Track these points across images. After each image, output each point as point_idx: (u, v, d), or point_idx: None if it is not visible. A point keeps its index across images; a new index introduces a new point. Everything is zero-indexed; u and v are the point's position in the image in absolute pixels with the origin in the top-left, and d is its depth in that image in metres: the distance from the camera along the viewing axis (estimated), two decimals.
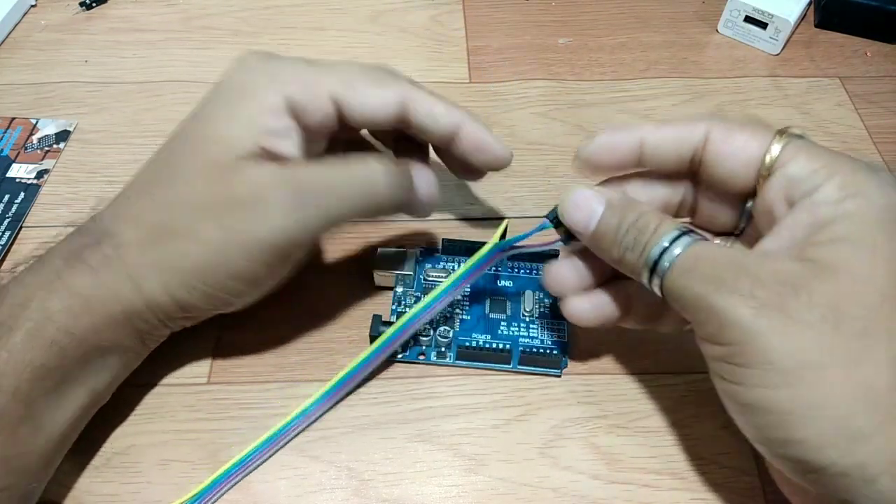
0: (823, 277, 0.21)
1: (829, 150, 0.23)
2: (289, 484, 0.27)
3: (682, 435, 0.29)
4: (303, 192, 0.25)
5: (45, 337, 0.24)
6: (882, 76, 0.44)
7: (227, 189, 0.25)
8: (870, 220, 0.21)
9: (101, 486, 0.27)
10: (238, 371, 0.30)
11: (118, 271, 0.25)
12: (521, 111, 0.41)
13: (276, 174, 0.25)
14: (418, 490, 0.27)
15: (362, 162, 0.27)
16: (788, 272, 0.21)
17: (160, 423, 0.29)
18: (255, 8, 0.47)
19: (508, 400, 0.30)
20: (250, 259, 0.25)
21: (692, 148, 0.25)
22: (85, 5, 0.47)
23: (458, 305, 0.32)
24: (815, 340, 0.20)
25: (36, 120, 0.40)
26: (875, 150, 0.40)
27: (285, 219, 0.25)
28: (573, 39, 0.46)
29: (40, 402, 0.24)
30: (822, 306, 0.20)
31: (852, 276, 0.21)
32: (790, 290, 0.21)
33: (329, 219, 0.26)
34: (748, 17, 0.45)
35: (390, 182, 0.27)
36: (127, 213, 0.26)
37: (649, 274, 0.23)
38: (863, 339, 0.20)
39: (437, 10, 0.48)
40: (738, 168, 0.24)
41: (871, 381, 0.20)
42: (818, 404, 0.20)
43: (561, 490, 0.27)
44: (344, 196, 0.26)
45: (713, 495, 0.27)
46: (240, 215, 0.25)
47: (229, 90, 0.27)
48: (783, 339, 0.20)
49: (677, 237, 0.23)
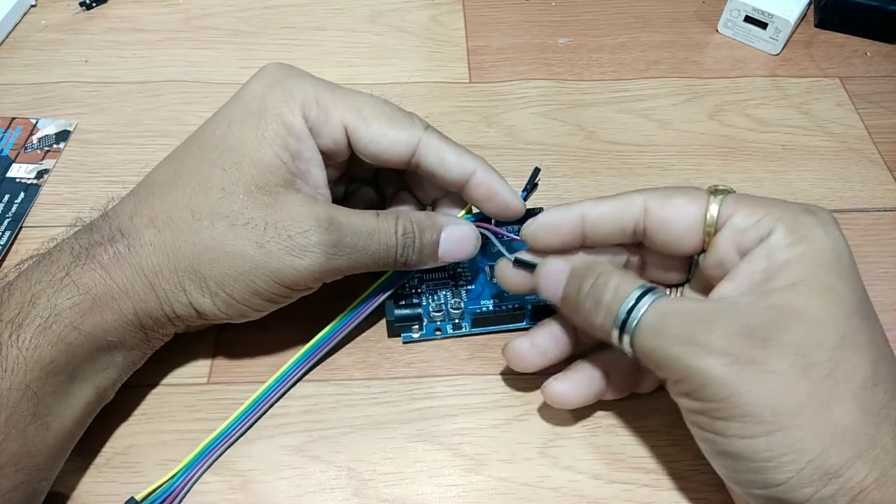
0: (787, 323, 0.22)
1: (764, 199, 0.25)
2: (289, 484, 0.27)
3: (682, 435, 0.29)
4: (341, 241, 0.26)
5: (54, 334, 0.24)
6: (882, 76, 0.44)
7: (272, 214, 0.26)
8: (821, 262, 0.23)
9: (101, 486, 0.27)
10: (238, 371, 0.30)
11: (132, 270, 0.25)
12: (521, 111, 0.41)
13: (319, 214, 0.26)
14: (418, 490, 0.27)
15: (395, 224, 0.28)
16: (754, 323, 0.22)
17: (160, 423, 0.29)
18: (255, 8, 0.47)
19: (508, 400, 0.30)
20: (279, 282, 0.26)
21: (633, 220, 0.26)
22: (85, 5, 0.47)
23: (461, 278, 0.32)
24: (789, 388, 0.21)
25: (36, 120, 0.40)
26: (875, 150, 0.40)
27: (321, 260, 0.26)
28: (573, 39, 0.46)
29: (49, 400, 0.24)
30: (790, 354, 0.21)
31: (813, 319, 0.22)
32: (759, 341, 0.21)
33: (354, 269, 0.28)
34: (748, 17, 0.45)
35: (420, 251, 0.28)
36: (146, 214, 0.26)
37: (619, 334, 0.24)
38: (828, 381, 0.21)
39: (437, 10, 0.48)
40: (682, 231, 0.25)
41: (839, 420, 0.21)
42: (796, 449, 0.21)
43: (561, 490, 0.27)
44: (374, 255, 0.27)
45: (713, 495, 0.27)
46: (282, 244, 0.26)
47: (251, 103, 0.27)
48: (759, 391, 0.21)
49: (641, 295, 0.24)
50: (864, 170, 0.39)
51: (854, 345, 0.22)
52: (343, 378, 0.30)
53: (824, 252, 0.23)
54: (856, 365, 0.21)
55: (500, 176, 0.29)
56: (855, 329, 0.22)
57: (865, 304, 0.23)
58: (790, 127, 0.41)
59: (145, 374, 0.29)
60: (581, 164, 0.39)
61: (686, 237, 0.25)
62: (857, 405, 0.21)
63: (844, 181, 0.38)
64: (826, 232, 0.23)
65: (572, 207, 0.27)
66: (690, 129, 0.41)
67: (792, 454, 0.21)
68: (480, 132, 0.40)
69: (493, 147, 0.39)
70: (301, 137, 0.27)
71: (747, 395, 0.21)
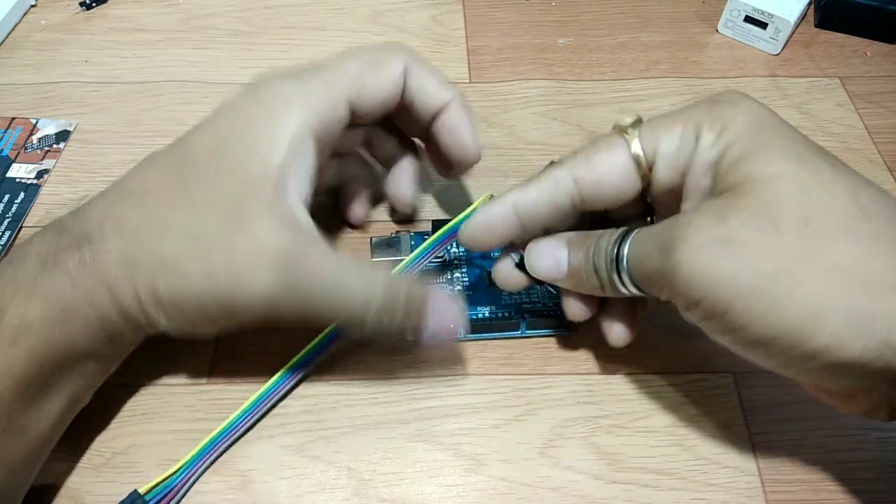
0: (743, 194, 0.21)
1: (674, 112, 0.24)
2: (289, 484, 0.27)
3: (682, 435, 0.29)
4: (294, 285, 0.24)
5: (24, 346, 0.23)
6: (882, 76, 0.44)
7: (234, 243, 0.24)
8: (750, 133, 0.22)
9: (101, 486, 0.27)
10: (238, 371, 0.30)
11: (95, 279, 0.24)
12: (521, 111, 0.41)
13: (282, 249, 0.24)
14: (418, 490, 0.27)
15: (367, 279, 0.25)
16: (712, 209, 0.22)
17: (160, 423, 0.29)
18: (255, 8, 0.47)
19: (508, 400, 0.30)
20: (226, 311, 0.25)
21: (566, 196, 0.25)
22: (85, 5, 0.47)
23: (457, 281, 0.32)
24: (766, 252, 0.20)
25: (36, 120, 0.40)
26: (875, 150, 0.40)
27: (261, 301, 0.24)
28: (573, 39, 0.46)
29: (21, 411, 0.24)
30: (752, 219, 0.20)
31: (766, 180, 0.21)
32: (717, 220, 0.21)
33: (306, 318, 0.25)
34: (748, 17, 0.45)
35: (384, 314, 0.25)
36: (115, 221, 0.25)
37: (620, 280, 0.24)
38: (807, 230, 0.20)
39: (437, 10, 0.48)
40: (618, 185, 0.25)
41: (840, 260, 0.19)
42: (811, 305, 0.19)
43: (561, 490, 0.27)
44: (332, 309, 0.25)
45: (713, 495, 0.27)
46: (230, 278, 0.24)
47: (239, 118, 0.26)
48: (735, 266, 0.20)
49: (622, 238, 0.24)
50: (864, 170, 0.38)
51: (820, 184, 0.21)
52: (343, 378, 0.30)
53: (749, 123, 0.22)
54: (831, 204, 0.20)
55: (471, 116, 0.29)
56: (814, 169, 0.21)
57: (816, 147, 0.22)
58: None
59: (145, 374, 0.29)
60: None
61: (625, 188, 0.25)
62: (856, 240, 0.20)
63: None
64: (741, 109, 0.23)
65: (503, 200, 0.26)
66: None
67: (813, 313, 0.19)
68: (480, 132, 0.40)
69: (493, 147, 0.39)
70: (302, 146, 0.25)
71: (726, 275, 0.20)
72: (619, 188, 0.25)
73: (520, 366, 0.31)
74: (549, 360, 0.31)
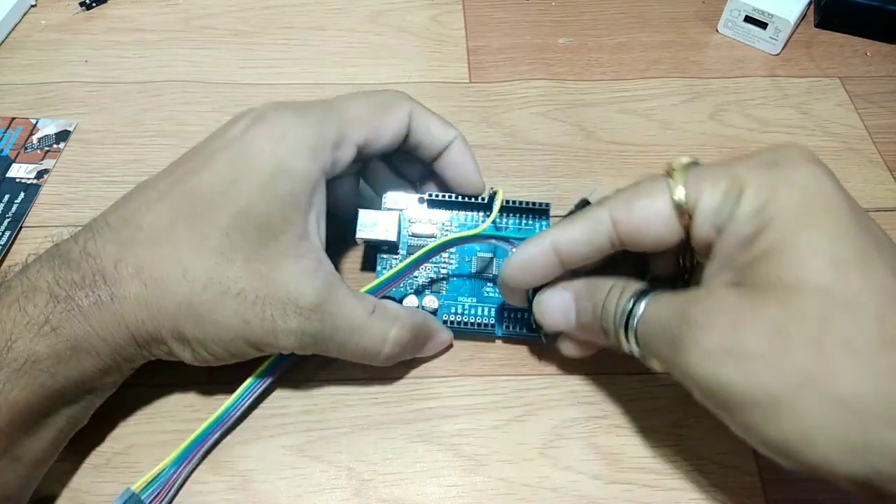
0: (760, 301, 0.21)
1: (727, 163, 0.23)
2: (289, 484, 0.27)
3: (682, 435, 0.29)
4: (321, 332, 0.26)
5: (30, 379, 0.23)
6: (882, 76, 0.44)
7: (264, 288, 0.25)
8: (797, 216, 0.21)
9: (101, 486, 0.27)
10: (238, 371, 0.30)
11: (114, 320, 0.24)
12: (521, 111, 0.41)
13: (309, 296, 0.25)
14: (418, 490, 0.27)
15: (384, 324, 0.27)
16: (727, 311, 0.21)
17: (160, 423, 0.29)
18: (255, 8, 0.47)
19: (508, 400, 0.30)
20: (255, 348, 0.26)
21: (605, 237, 0.25)
22: (85, 5, 0.47)
23: (442, 266, 0.32)
24: (774, 368, 0.20)
25: (36, 120, 0.40)
26: (875, 150, 0.40)
27: (293, 343, 0.26)
28: (573, 39, 0.46)
29: (20, 438, 0.24)
30: (766, 333, 0.20)
31: (788, 291, 0.20)
32: (731, 329, 0.21)
33: (328, 353, 0.27)
34: (748, 17, 0.45)
35: (395, 350, 0.28)
36: (132, 263, 0.25)
37: (627, 345, 0.24)
38: (820, 354, 0.19)
39: (437, 10, 0.48)
40: (658, 232, 0.24)
41: (841, 391, 0.19)
42: (804, 429, 0.19)
43: (561, 490, 0.27)
44: (352, 351, 0.27)
45: (713, 495, 0.27)
46: (264, 324, 0.25)
47: (256, 157, 0.25)
48: (741, 378, 0.20)
49: (637, 299, 0.24)
50: (864, 170, 0.39)
51: (847, 305, 0.19)
52: (343, 378, 0.30)
53: (797, 205, 0.21)
54: (853, 329, 0.19)
55: (471, 152, 0.31)
56: (847, 282, 0.20)
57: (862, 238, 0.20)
58: (790, 127, 0.41)
59: (145, 374, 0.29)
60: (581, 164, 0.39)
61: (664, 235, 0.24)
62: (867, 370, 0.19)
63: (844, 181, 0.37)
64: (793, 181, 0.21)
65: (541, 239, 0.26)
66: (691, 129, 0.41)
67: (802, 435, 0.19)
68: (480, 132, 0.40)
69: (493, 147, 0.39)
70: (316, 187, 0.26)
71: (730, 384, 0.20)
72: (660, 236, 0.24)
73: (520, 366, 0.31)
74: (549, 361, 0.31)
